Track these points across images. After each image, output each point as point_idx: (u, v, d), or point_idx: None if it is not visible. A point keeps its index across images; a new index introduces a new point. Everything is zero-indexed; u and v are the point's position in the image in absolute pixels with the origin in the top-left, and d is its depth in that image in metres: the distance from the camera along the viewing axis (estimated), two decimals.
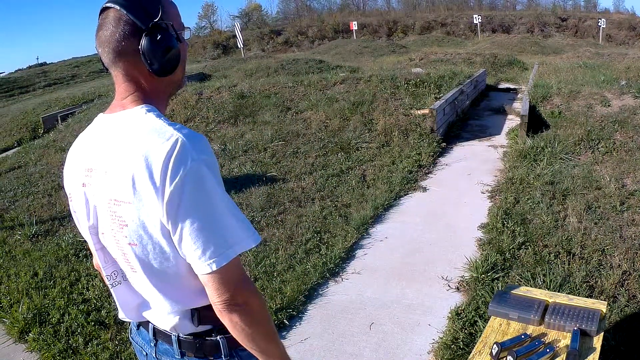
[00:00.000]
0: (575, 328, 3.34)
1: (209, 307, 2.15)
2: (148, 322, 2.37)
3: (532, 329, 3.48)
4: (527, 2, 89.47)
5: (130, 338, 2.61)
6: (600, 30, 51.28)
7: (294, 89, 16.11)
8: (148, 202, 1.93)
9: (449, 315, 5.61)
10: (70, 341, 5.59)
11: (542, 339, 3.35)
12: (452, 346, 5.01)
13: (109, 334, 5.63)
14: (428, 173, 10.67)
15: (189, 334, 2.25)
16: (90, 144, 2.21)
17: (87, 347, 5.47)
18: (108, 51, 2.11)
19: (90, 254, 7.52)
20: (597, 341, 3.33)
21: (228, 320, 2.04)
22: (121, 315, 2.40)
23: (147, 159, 1.91)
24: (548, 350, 3.20)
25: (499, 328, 3.55)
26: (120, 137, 2.05)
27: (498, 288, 5.80)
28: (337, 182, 9.97)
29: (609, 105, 12.38)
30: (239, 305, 2.01)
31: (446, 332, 5.31)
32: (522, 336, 3.36)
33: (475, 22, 54.66)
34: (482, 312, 5.49)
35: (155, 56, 2.09)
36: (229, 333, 2.18)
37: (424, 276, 6.60)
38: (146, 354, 2.46)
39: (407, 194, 9.55)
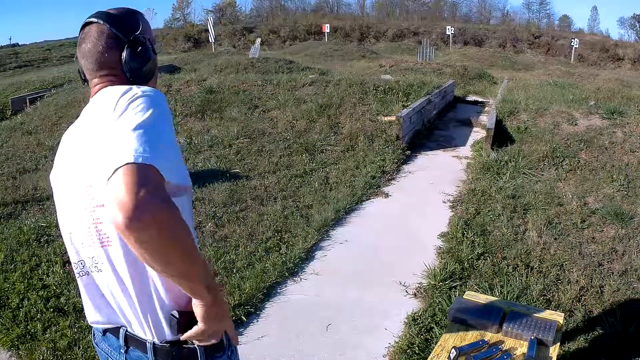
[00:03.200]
0: (532, 337, 3.39)
1: (189, 314, 2.09)
2: (118, 328, 2.28)
3: (490, 336, 3.52)
4: (502, 17, 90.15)
5: (94, 344, 2.52)
6: (573, 50, 51.49)
7: (262, 87, 16.08)
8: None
9: (406, 320, 5.63)
10: (29, 326, 5.52)
11: (499, 346, 3.39)
12: (407, 351, 5.04)
13: (67, 322, 5.56)
14: (391, 179, 10.70)
15: (166, 342, 2.18)
16: (68, 138, 2.30)
17: (46, 334, 5.39)
18: (91, 62, 2.28)
19: (52, 240, 7.48)
20: (554, 351, 3.38)
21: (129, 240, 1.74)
22: (92, 319, 2.34)
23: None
24: (505, 357, 3.25)
25: (458, 333, 3.58)
26: (85, 117, 2.16)
27: (455, 296, 5.83)
28: (300, 183, 9.97)
29: (575, 124, 12.49)
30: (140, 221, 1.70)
31: (402, 337, 5.33)
32: (480, 342, 3.40)
33: (448, 33, 54.82)
34: (438, 319, 5.53)
35: (135, 67, 2.28)
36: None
37: (382, 281, 6.61)
38: None
39: (370, 199, 9.56)
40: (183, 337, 2.11)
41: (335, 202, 8.91)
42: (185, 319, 2.10)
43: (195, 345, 2.17)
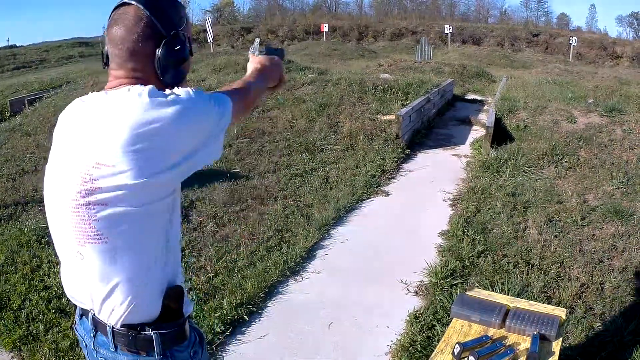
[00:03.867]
0: (535, 332, 3.41)
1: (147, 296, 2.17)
2: (88, 310, 2.29)
3: (493, 332, 3.53)
4: (500, 15, 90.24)
5: (74, 328, 2.52)
6: (571, 48, 51.43)
7: None
8: None
9: (408, 318, 5.64)
10: (30, 328, 5.50)
11: (502, 342, 3.41)
12: (410, 348, 5.04)
13: (69, 322, 5.54)
14: (391, 178, 10.72)
15: (123, 325, 2.18)
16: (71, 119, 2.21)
17: (48, 335, 5.38)
18: (121, 48, 2.12)
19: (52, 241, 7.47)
20: (556, 346, 3.40)
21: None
22: (68, 293, 2.38)
23: None
24: (509, 352, 3.27)
25: (461, 329, 3.60)
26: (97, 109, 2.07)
27: (456, 294, 5.84)
28: (301, 182, 9.98)
29: (575, 122, 12.51)
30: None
31: (404, 335, 5.33)
32: (484, 338, 3.42)
33: (446, 32, 54.85)
34: (440, 316, 5.55)
35: (169, 65, 2.15)
36: (164, 329, 2.20)
37: (384, 279, 6.63)
38: (86, 344, 2.38)
39: (370, 197, 9.57)
40: None
41: (336, 201, 8.92)
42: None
43: (152, 333, 2.18)
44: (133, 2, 2.10)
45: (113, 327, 2.19)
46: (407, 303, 6.03)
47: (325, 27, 54.55)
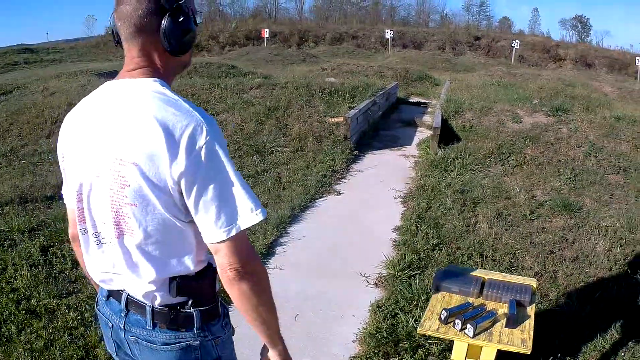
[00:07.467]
0: (511, 298, 3.67)
1: (187, 277, 2.26)
2: (119, 291, 2.35)
3: (472, 300, 3.82)
4: (441, 20, 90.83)
5: (96, 310, 2.56)
6: (514, 51, 51.96)
7: (210, 91, 16.03)
8: (158, 166, 2.03)
9: (371, 308, 5.80)
10: (2, 329, 5.47)
11: (483, 307, 3.67)
12: (376, 335, 5.18)
13: (41, 323, 5.54)
14: (342, 178, 10.90)
15: (164, 305, 2.27)
16: (94, 106, 2.26)
17: (21, 336, 5.35)
18: (128, 25, 2.21)
19: (15, 244, 7.40)
20: (531, 310, 3.74)
21: (237, 289, 2.12)
22: (97, 279, 2.43)
23: (165, 128, 2.02)
24: (490, 315, 3.57)
25: (443, 299, 3.89)
26: (130, 101, 2.14)
27: (415, 284, 6.05)
28: (253, 183, 10.05)
29: (520, 122, 12.80)
30: (249, 274, 2.12)
31: (369, 323, 5.49)
32: (466, 304, 3.72)
33: (386, 36, 55.05)
34: (402, 305, 5.71)
35: (174, 36, 2.21)
36: (204, 305, 2.29)
37: (344, 273, 6.79)
38: (112, 325, 2.42)
39: (322, 196, 9.73)
40: None
41: (290, 201, 9.04)
42: (182, 282, 2.27)
43: (193, 310, 2.28)
44: None
45: (153, 307, 2.28)
46: (368, 294, 6.20)
47: (266, 33, 54.47)
